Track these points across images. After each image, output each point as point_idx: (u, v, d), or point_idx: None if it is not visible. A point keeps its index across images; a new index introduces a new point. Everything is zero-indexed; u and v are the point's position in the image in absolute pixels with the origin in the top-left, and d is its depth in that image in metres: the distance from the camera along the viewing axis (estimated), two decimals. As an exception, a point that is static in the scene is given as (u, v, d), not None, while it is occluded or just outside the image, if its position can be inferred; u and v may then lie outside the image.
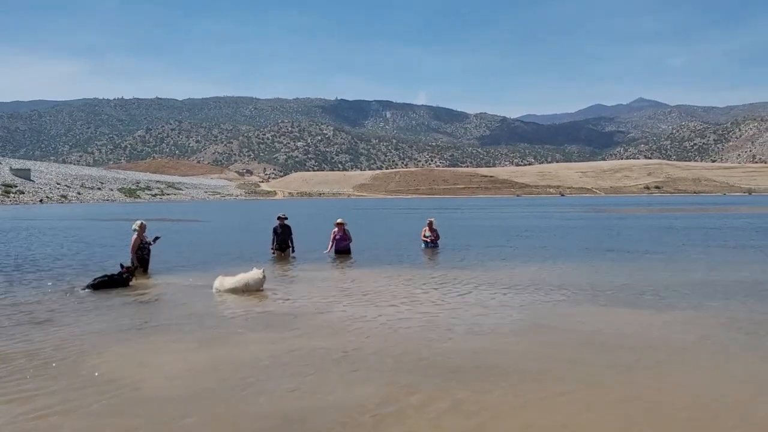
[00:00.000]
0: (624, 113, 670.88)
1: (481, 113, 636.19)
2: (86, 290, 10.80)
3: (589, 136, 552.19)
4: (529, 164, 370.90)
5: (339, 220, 16.91)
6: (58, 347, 6.88)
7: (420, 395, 5.20)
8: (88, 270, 13.60)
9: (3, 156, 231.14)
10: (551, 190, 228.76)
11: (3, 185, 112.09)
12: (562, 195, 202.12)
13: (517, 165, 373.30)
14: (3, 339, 7.31)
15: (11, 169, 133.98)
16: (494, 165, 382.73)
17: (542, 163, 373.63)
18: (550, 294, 10.22)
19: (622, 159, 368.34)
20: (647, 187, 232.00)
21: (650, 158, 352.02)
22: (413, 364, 6.10)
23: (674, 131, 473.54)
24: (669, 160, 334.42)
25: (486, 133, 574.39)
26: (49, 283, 11.71)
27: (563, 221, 38.06)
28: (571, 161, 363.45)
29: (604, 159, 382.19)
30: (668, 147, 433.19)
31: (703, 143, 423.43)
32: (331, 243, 16.66)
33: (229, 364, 6.16)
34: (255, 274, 10.72)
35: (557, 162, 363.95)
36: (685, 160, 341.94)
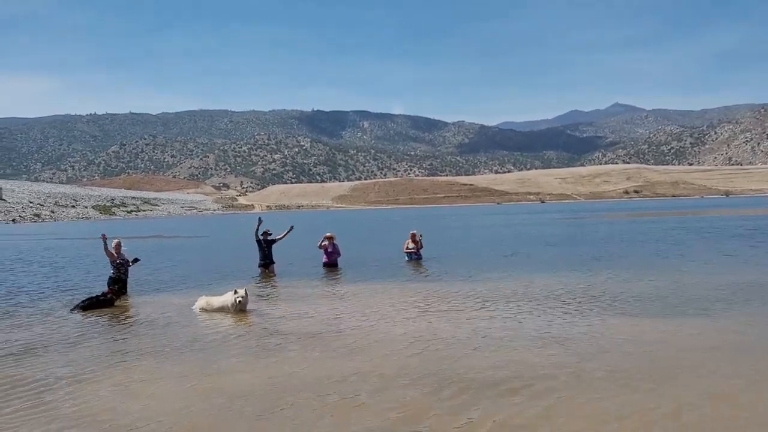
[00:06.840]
0: (601, 118, 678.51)
1: (459, 121, 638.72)
2: (75, 311, 10.68)
3: (567, 142, 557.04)
4: (509, 171, 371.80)
5: (328, 234, 17.07)
6: (48, 375, 6.49)
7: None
8: (70, 291, 13.22)
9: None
10: (531, 197, 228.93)
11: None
12: (543, 202, 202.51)
13: (497, 173, 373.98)
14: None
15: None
16: (474, 173, 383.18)
17: (521, 170, 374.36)
18: (538, 304, 9.99)
19: (600, 164, 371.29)
20: (626, 192, 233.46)
21: (628, 162, 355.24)
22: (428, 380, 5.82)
23: (651, 135, 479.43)
24: (647, 164, 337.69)
25: (465, 141, 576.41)
26: (35, 306, 11.18)
27: (540, 228, 37.33)
28: (550, 167, 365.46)
29: (582, 165, 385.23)
30: (646, 151, 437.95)
31: (680, 147, 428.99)
32: (324, 256, 16.72)
33: (224, 396, 5.77)
34: (234, 293, 10.26)
35: (536, 169, 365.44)
36: (663, 164, 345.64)
